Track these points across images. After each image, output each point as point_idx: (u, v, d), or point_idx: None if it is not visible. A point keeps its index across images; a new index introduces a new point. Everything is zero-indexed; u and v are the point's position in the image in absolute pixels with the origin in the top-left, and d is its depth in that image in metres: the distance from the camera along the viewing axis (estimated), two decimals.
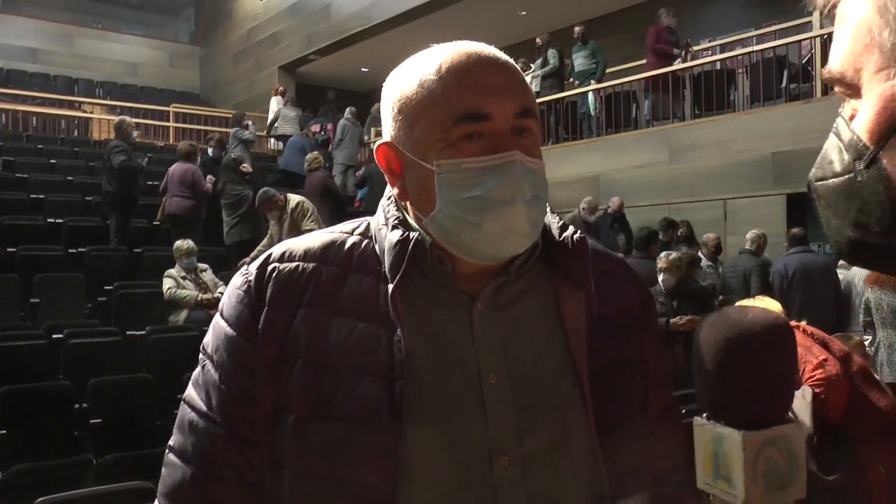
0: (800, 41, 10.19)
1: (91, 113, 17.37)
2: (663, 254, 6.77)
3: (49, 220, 9.80)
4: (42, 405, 5.22)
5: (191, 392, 1.11)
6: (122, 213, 9.52)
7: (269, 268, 1.09)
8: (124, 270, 8.67)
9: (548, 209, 1.11)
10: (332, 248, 1.10)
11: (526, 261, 1.10)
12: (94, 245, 9.13)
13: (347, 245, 1.10)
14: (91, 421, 5.23)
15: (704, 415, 1.80)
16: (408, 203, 1.09)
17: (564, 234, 1.11)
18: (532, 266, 1.11)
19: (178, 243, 7.71)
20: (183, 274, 7.49)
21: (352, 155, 13.82)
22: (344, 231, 1.14)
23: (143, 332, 6.68)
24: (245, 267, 1.13)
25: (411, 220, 1.09)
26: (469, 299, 1.07)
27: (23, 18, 20.48)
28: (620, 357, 1.12)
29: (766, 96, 10.25)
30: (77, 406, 5.38)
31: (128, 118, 10.24)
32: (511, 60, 1.09)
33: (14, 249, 8.42)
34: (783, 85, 10.13)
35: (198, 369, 1.12)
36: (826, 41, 9.57)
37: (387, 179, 1.12)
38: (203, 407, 1.08)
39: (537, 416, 1.04)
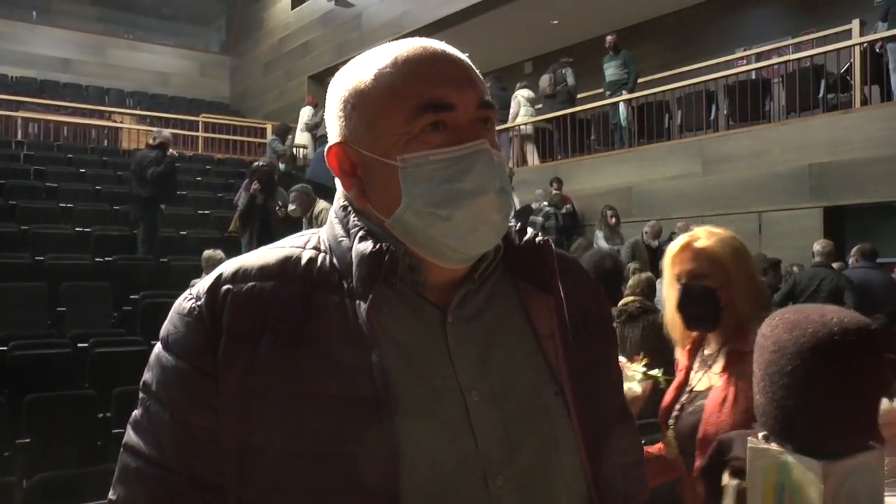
0: (839, 50, 10.04)
1: (121, 123, 17.57)
2: None
3: (77, 228, 9.96)
4: (66, 414, 5.26)
5: (132, 438, 0.99)
6: (150, 222, 9.63)
7: (223, 290, 0.98)
8: (151, 280, 8.76)
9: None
10: (289, 264, 1.01)
11: (489, 265, 1.06)
12: (122, 254, 9.22)
13: (304, 260, 1.02)
14: (115, 430, 5.24)
15: (761, 434, 1.53)
16: (368, 206, 1.03)
17: (526, 238, 1.09)
18: (493, 272, 1.08)
19: (206, 253, 7.70)
20: None
21: None
22: (296, 245, 1.05)
23: None
24: (190, 290, 1.02)
25: (373, 227, 1.03)
26: (439, 312, 1.02)
27: (56, 29, 20.89)
28: (590, 358, 1.10)
29: (802, 107, 10.13)
30: (101, 415, 5.41)
31: (166, 131, 10.55)
32: (463, 56, 1.05)
33: (42, 258, 8.55)
34: (821, 95, 10.00)
35: (138, 411, 1.01)
36: (866, 49, 9.45)
37: (340, 183, 1.07)
38: (152, 452, 0.96)
39: (525, 430, 1.01)
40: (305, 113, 16.34)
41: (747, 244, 8.18)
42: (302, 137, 15.89)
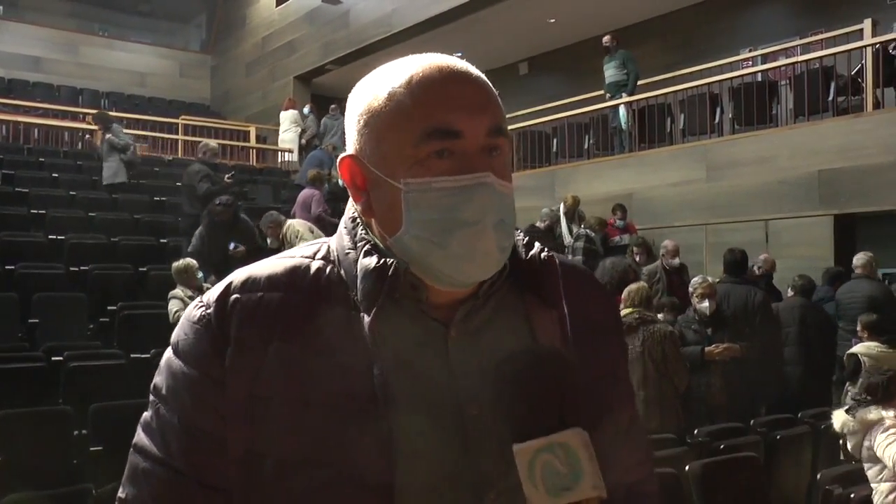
0: (849, 51, 10.12)
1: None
2: (697, 278, 6.71)
3: (50, 236, 9.92)
4: (40, 431, 5.21)
5: (142, 438, 1.07)
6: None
7: (231, 299, 1.05)
8: (129, 290, 8.74)
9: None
10: (297, 274, 1.08)
11: (494, 282, 1.10)
12: (97, 263, 9.20)
13: (312, 271, 1.09)
14: (91, 448, 5.23)
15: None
16: (373, 221, 1.09)
17: (532, 253, 1.14)
18: (500, 287, 1.11)
19: (178, 263, 7.67)
20: (189, 293, 7.49)
21: (337, 144, 13.99)
22: (305, 256, 1.12)
23: (148, 356, 6.67)
24: (201, 298, 1.10)
25: (378, 241, 1.08)
26: (442, 327, 1.07)
27: (25, 25, 20.77)
28: (598, 374, 1.13)
29: (811, 110, 10.20)
30: (77, 432, 5.38)
31: (212, 142, 10.90)
32: (483, 76, 1.09)
33: (13, 267, 8.51)
34: (830, 98, 10.07)
35: (148, 413, 1.08)
36: (878, 50, 9.52)
37: (350, 194, 1.12)
38: (160, 454, 1.04)
39: None
40: (290, 116, 16.40)
41: (753, 254, 8.17)
42: (286, 141, 15.95)
